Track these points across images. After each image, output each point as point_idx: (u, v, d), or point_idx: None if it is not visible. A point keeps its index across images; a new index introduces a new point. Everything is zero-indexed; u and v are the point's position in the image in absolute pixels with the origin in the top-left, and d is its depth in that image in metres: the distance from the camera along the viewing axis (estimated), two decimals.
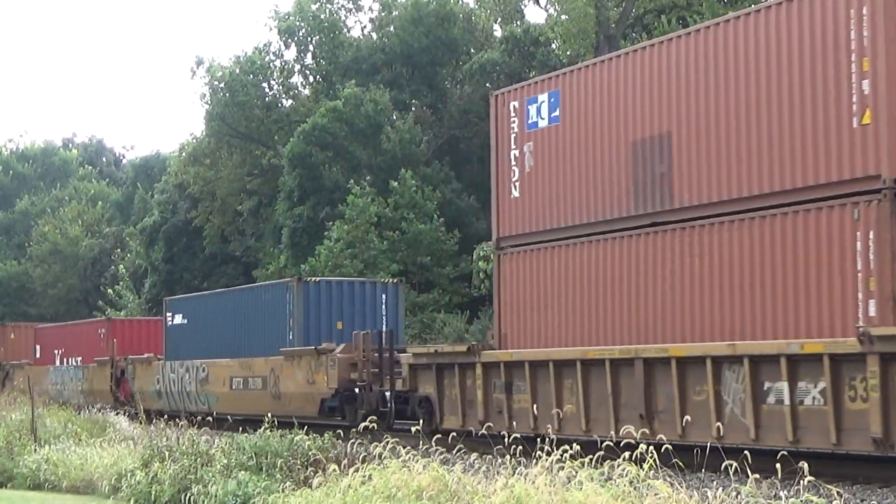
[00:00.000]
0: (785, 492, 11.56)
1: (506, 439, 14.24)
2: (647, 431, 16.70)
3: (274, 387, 29.85)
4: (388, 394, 25.29)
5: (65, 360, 46.05)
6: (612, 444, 12.90)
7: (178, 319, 36.72)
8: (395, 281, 32.26)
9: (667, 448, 12.54)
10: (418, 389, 23.80)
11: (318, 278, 32.05)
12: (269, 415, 19.95)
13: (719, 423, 16.62)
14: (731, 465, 11.59)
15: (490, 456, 15.27)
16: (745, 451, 13.16)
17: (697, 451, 12.96)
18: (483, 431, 15.91)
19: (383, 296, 30.81)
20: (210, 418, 23.40)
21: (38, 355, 49.49)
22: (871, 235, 15.84)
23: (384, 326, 29.25)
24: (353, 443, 17.71)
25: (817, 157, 16.67)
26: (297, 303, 29.78)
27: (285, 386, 29.35)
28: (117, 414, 33.18)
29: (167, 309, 37.83)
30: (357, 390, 26.65)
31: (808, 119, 16.85)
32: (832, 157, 16.46)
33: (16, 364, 50.03)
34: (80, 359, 44.26)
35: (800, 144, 16.95)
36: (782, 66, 17.25)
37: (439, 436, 15.92)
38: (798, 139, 16.97)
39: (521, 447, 13.61)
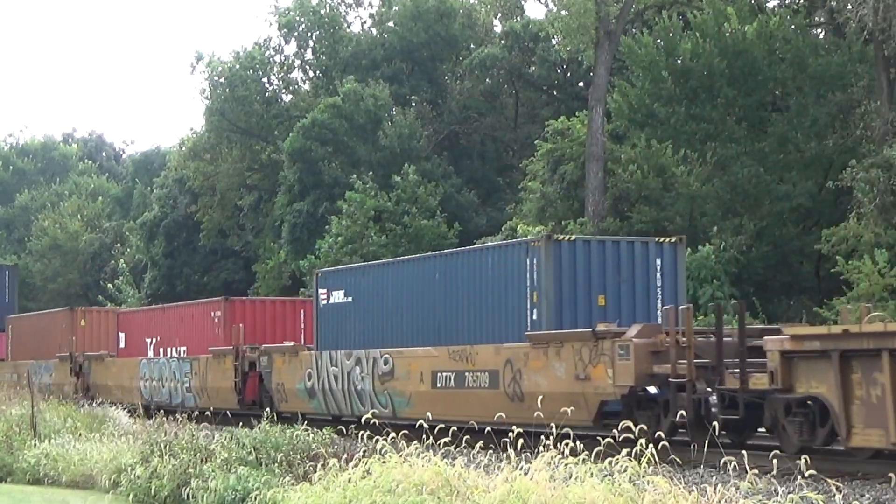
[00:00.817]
0: (783, 488, 11.57)
1: None
2: None
3: (513, 384, 22.17)
4: (713, 396, 18.02)
5: (161, 350, 37.34)
6: (612, 440, 12.91)
7: (338, 297, 28.57)
8: (672, 240, 23.93)
9: (665, 444, 12.55)
10: (794, 388, 16.75)
11: (571, 236, 24.16)
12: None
13: None
14: (729, 462, 11.60)
15: (491, 451, 15.26)
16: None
17: (695, 446, 12.96)
18: None
19: (658, 260, 23.27)
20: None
21: (122, 345, 40.51)
22: None
23: (658, 301, 22.67)
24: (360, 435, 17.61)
25: None
26: (544, 270, 22.31)
27: (533, 383, 21.60)
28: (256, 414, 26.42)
29: (320, 284, 29.44)
30: (656, 389, 19.21)
31: None
32: None
33: (93, 356, 40.69)
34: (184, 349, 35.81)
35: None
36: None
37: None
38: None
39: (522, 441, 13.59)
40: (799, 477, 11.68)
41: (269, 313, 34.56)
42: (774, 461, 11.45)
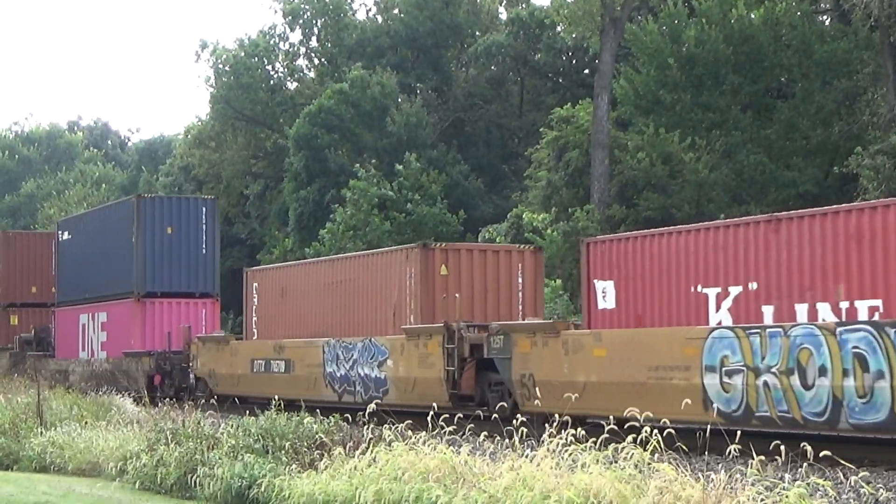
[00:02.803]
0: (789, 474, 11.55)
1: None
2: None
3: None
4: None
5: (765, 309, 18.16)
6: (616, 427, 12.90)
7: None
8: None
9: (670, 431, 12.53)
10: None
11: None
12: None
13: None
14: (735, 448, 11.58)
15: (497, 438, 15.26)
16: (740, 434, 13.12)
17: (700, 433, 12.94)
18: None
19: None
20: None
21: (603, 303, 21.08)
22: None
23: None
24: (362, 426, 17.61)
25: None
26: None
27: None
28: None
29: None
30: None
31: None
32: None
33: (513, 327, 21.80)
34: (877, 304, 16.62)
35: None
36: None
37: None
38: None
39: (526, 430, 13.59)
40: (805, 463, 11.67)
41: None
42: (782, 447, 11.43)
